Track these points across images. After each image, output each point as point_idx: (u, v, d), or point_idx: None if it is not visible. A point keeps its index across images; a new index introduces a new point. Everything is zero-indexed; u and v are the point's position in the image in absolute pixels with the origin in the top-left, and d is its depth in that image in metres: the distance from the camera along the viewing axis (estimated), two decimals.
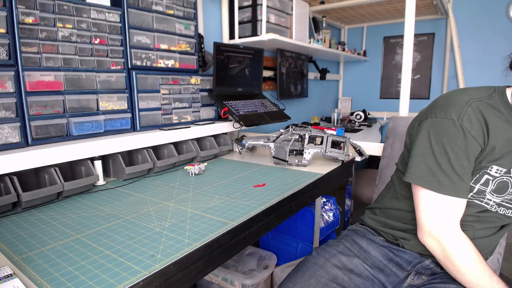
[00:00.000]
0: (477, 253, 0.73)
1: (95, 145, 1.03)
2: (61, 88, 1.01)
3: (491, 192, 0.76)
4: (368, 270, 0.84)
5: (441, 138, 0.73)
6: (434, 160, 0.73)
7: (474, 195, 0.76)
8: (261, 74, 1.77)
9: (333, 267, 0.83)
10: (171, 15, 1.33)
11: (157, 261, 0.61)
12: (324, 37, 2.54)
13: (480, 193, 0.76)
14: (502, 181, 0.74)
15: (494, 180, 0.74)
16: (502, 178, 0.74)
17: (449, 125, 0.72)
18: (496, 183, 0.74)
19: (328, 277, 0.81)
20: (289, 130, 1.42)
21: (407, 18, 1.55)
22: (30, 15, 0.93)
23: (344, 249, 0.88)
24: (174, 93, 1.35)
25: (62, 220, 0.81)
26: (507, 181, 0.74)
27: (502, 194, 0.76)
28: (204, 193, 0.99)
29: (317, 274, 0.82)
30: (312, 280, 0.80)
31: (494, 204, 0.78)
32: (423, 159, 0.75)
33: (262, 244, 1.80)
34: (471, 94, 0.75)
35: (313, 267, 0.84)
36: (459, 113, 0.72)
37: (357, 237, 0.92)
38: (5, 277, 0.56)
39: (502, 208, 0.78)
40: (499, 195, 0.76)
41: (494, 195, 0.76)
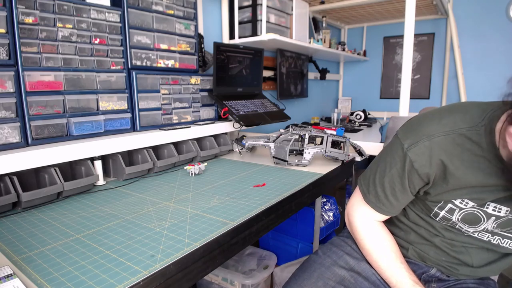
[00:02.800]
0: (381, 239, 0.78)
1: (95, 145, 1.03)
2: (61, 88, 1.01)
3: (459, 221, 0.72)
4: (375, 275, 0.82)
5: (387, 156, 0.75)
6: (374, 172, 0.78)
7: (441, 220, 0.75)
8: (261, 74, 1.77)
9: (340, 268, 0.82)
10: (171, 15, 1.33)
11: (157, 261, 0.61)
12: (324, 37, 2.54)
13: (448, 220, 0.73)
14: (471, 213, 0.70)
15: (461, 210, 0.70)
16: (472, 210, 0.70)
17: (398, 149, 0.71)
18: (463, 214, 0.71)
19: (336, 280, 0.80)
20: (289, 130, 1.42)
21: (407, 18, 1.55)
22: (30, 15, 0.93)
23: (351, 251, 0.87)
24: (174, 93, 1.35)
25: (62, 220, 0.81)
26: (477, 214, 0.69)
27: (475, 226, 0.71)
28: (204, 193, 0.99)
29: (324, 276, 0.80)
30: (320, 283, 0.79)
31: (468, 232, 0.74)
32: (370, 167, 0.81)
33: (262, 244, 1.80)
34: (445, 124, 0.67)
35: (320, 268, 0.83)
36: (412, 142, 0.69)
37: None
38: (5, 277, 0.56)
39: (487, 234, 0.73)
40: (470, 226, 0.71)
41: (466, 225, 0.72)
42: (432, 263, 0.81)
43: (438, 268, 0.82)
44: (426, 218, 0.78)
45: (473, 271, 0.78)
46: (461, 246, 0.76)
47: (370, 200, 0.78)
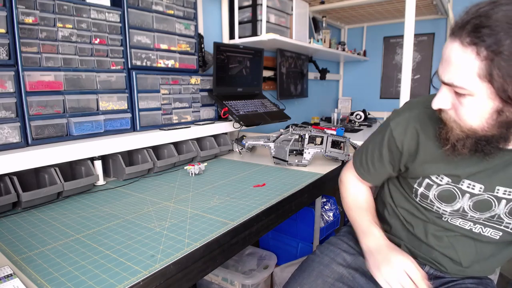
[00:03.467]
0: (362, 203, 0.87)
1: (95, 145, 1.03)
2: (61, 88, 1.01)
3: (435, 199, 0.74)
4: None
5: (378, 129, 0.85)
6: (367, 143, 0.88)
7: (421, 198, 0.78)
8: (261, 74, 1.77)
9: (338, 266, 0.84)
10: (171, 15, 1.33)
11: (157, 261, 0.61)
12: (324, 37, 2.54)
13: (426, 198, 0.76)
14: (446, 189, 0.73)
15: (438, 187, 0.73)
16: (447, 187, 0.72)
17: (387, 123, 0.80)
18: (439, 190, 0.73)
19: (334, 277, 0.81)
20: (289, 130, 1.42)
21: (407, 18, 1.55)
22: (30, 15, 0.93)
23: (347, 248, 0.89)
24: (174, 93, 1.35)
25: (62, 220, 0.81)
26: (452, 190, 0.72)
27: (450, 204, 0.73)
28: (204, 193, 0.99)
29: (323, 274, 0.82)
30: (319, 281, 0.80)
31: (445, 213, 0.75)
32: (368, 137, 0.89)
33: (262, 244, 1.80)
34: (424, 101, 0.75)
35: (319, 266, 0.84)
36: (396, 117, 0.78)
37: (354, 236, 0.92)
38: (5, 277, 0.56)
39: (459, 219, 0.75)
40: (446, 204, 0.73)
41: (443, 204, 0.74)
42: (423, 259, 0.82)
43: (431, 266, 0.82)
44: (409, 199, 0.82)
45: (462, 270, 0.79)
46: (447, 240, 0.78)
47: (356, 164, 0.89)
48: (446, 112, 0.65)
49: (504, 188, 0.68)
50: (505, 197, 0.68)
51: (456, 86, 0.58)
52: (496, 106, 0.57)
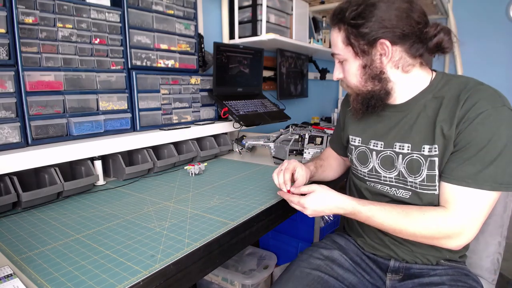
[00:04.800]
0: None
1: (95, 145, 1.03)
2: (61, 88, 1.01)
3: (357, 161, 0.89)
4: (348, 262, 0.88)
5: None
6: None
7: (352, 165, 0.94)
8: (261, 74, 1.77)
9: (315, 259, 0.88)
10: (171, 15, 1.33)
11: (157, 261, 0.61)
12: (324, 37, 2.54)
13: (352, 162, 0.92)
14: (362, 151, 0.88)
15: (356, 149, 0.90)
16: (361, 148, 0.88)
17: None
18: (357, 152, 0.89)
19: (311, 267, 0.85)
20: (289, 130, 1.42)
21: None
22: (30, 15, 0.93)
23: (325, 245, 0.93)
24: (174, 93, 1.35)
25: (62, 220, 0.81)
26: (365, 151, 0.87)
27: (366, 164, 0.86)
28: (204, 193, 0.99)
29: (300, 266, 0.86)
30: (297, 271, 0.84)
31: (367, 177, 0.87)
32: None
33: (262, 244, 1.80)
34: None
35: (297, 262, 0.88)
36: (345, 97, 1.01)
37: (336, 237, 0.97)
38: (5, 277, 0.56)
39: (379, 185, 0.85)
40: (363, 165, 0.87)
41: (361, 166, 0.88)
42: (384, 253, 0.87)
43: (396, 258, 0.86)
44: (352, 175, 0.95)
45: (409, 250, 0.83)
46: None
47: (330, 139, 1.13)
48: (342, 81, 0.85)
49: (399, 143, 0.79)
50: (401, 152, 0.79)
51: (336, 54, 0.81)
52: (361, 63, 0.77)
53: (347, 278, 0.84)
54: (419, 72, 0.79)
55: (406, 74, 0.77)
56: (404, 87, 0.79)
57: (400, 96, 0.80)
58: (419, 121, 0.77)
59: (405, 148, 0.78)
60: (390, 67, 0.76)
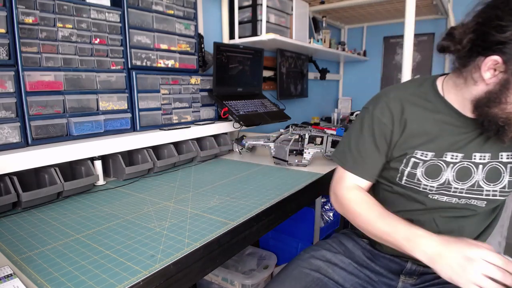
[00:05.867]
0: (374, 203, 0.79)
1: (95, 145, 1.03)
2: (61, 88, 1.01)
3: (424, 176, 0.78)
4: (352, 265, 0.86)
5: (355, 124, 0.85)
6: (347, 141, 0.85)
7: (407, 179, 0.80)
8: (261, 74, 1.77)
9: (316, 260, 0.85)
10: (171, 15, 1.32)
11: (157, 261, 0.61)
12: (324, 37, 2.54)
13: (413, 177, 0.79)
14: (432, 164, 0.77)
15: (424, 164, 0.77)
16: (432, 161, 0.77)
17: (365, 113, 0.83)
18: (426, 166, 0.77)
19: (311, 268, 0.82)
20: (289, 130, 1.43)
21: (407, 18, 1.55)
22: (30, 15, 0.93)
23: (329, 247, 0.90)
24: (174, 93, 1.35)
25: (62, 220, 0.81)
26: (437, 164, 0.76)
27: (436, 179, 0.77)
28: (204, 193, 0.99)
29: (300, 265, 0.83)
30: (295, 271, 0.82)
31: (434, 191, 0.78)
32: (342, 139, 0.89)
33: (262, 244, 1.80)
34: (397, 87, 0.83)
35: (297, 261, 0.86)
36: (375, 104, 0.81)
37: (343, 238, 0.94)
38: (5, 277, 0.56)
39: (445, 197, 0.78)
40: (433, 180, 0.77)
41: (429, 180, 0.78)
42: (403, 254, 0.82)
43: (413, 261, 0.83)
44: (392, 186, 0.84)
45: None
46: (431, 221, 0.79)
47: (348, 165, 0.84)
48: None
49: (480, 154, 0.74)
50: (481, 162, 0.74)
51: None
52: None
53: (349, 281, 0.82)
54: None
55: None
56: None
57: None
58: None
59: (486, 157, 0.75)
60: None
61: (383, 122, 0.79)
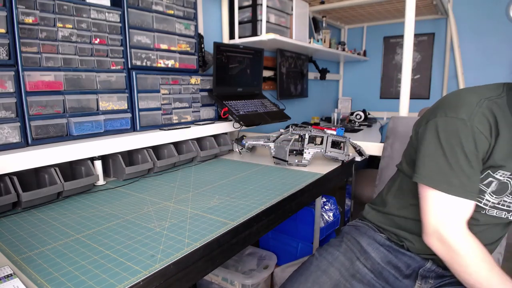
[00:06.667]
0: (486, 252, 0.69)
1: (95, 145, 1.03)
2: (61, 88, 1.01)
3: (490, 193, 0.74)
4: (369, 275, 0.84)
5: (451, 138, 0.70)
6: (445, 160, 0.70)
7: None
8: (261, 74, 1.77)
9: (335, 271, 0.82)
10: (171, 15, 1.32)
11: (157, 261, 0.61)
12: (324, 37, 2.54)
13: (481, 193, 0.74)
14: (503, 182, 0.72)
15: (498, 182, 0.72)
16: (504, 180, 0.72)
17: (460, 125, 0.69)
18: (497, 185, 0.73)
19: (331, 284, 0.80)
20: (289, 130, 1.42)
21: (407, 18, 1.55)
22: (30, 15, 0.93)
23: (346, 250, 0.88)
24: (174, 93, 1.35)
25: (62, 220, 0.81)
26: (507, 182, 0.72)
27: (500, 196, 0.74)
28: (204, 193, 0.99)
29: (320, 280, 0.81)
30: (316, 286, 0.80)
31: (490, 205, 0.76)
32: (433, 159, 0.72)
33: (262, 244, 1.80)
34: (481, 93, 0.72)
35: (316, 271, 0.83)
36: (470, 113, 0.69)
37: (358, 235, 0.92)
38: (5, 277, 0.56)
39: (495, 210, 0.77)
40: (497, 196, 0.74)
41: (493, 196, 0.74)
42: (427, 254, 0.82)
43: (434, 261, 0.82)
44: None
45: None
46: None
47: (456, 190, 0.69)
48: None
49: None
50: None
51: None
52: None
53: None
54: None
55: None
56: None
57: None
58: None
59: None
60: None
61: (484, 135, 0.69)
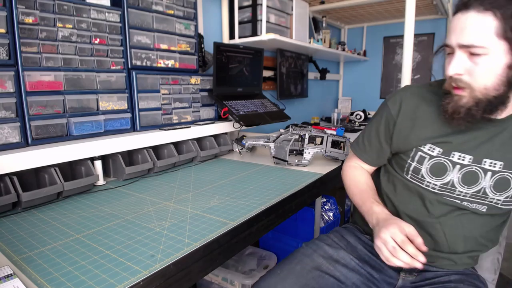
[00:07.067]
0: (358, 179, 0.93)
1: (95, 145, 1.03)
2: (61, 88, 1.01)
3: (427, 173, 0.79)
4: (354, 261, 0.87)
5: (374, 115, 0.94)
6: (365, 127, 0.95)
7: (412, 174, 0.82)
8: (261, 74, 1.77)
9: (318, 257, 0.86)
10: (171, 15, 1.32)
11: (157, 261, 0.61)
12: (324, 37, 2.54)
13: (417, 173, 0.81)
14: (438, 162, 0.77)
15: (430, 160, 0.78)
16: (438, 158, 0.77)
17: (381, 106, 0.91)
18: (431, 163, 0.78)
19: (313, 265, 0.84)
20: (289, 130, 1.43)
21: (407, 18, 1.55)
22: (30, 15, 0.93)
23: (331, 242, 0.91)
24: (174, 93, 1.35)
25: (62, 220, 0.81)
26: (444, 163, 0.77)
27: (441, 177, 0.77)
28: (204, 193, 0.99)
29: (303, 261, 0.85)
30: (298, 267, 0.83)
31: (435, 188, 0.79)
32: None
33: (262, 244, 1.80)
34: (419, 85, 0.87)
35: (301, 256, 0.87)
36: (391, 96, 0.88)
37: (346, 233, 0.95)
38: (5, 277, 0.56)
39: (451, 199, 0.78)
40: (437, 177, 0.78)
41: (433, 178, 0.78)
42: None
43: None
44: (399, 177, 0.86)
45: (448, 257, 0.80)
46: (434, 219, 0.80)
47: (354, 147, 0.97)
48: (459, 80, 0.69)
49: (490, 160, 0.73)
50: (490, 169, 0.73)
51: (476, 46, 0.65)
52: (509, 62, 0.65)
53: (350, 278, 0.83)
54: None
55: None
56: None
57: (507, 111, 0.73)
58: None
59: (497, 166, 0.73)
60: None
61: (391, 114, 0.85)
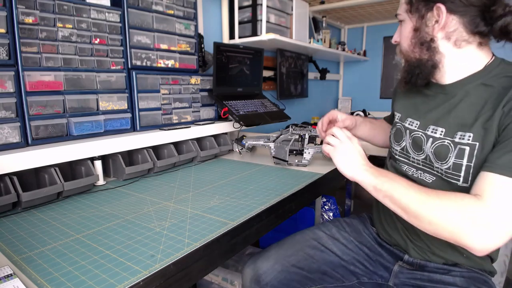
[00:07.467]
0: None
1: (95, 145, 1.03)
2: (61, 88, 1.01)
3: (393, 139, 0.89)
4: (354, 243, 0.90)
5: None
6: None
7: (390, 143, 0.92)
8: (261, 74, 1.77)
9: (320, 231, 0.91)
10: (171, 15, 1.32)
11: (157, 261, 0.61)
12: (324, 37, 2.54)
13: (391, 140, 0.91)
14: (398, 128, 0.87)
15: (394, 126, 0.90)
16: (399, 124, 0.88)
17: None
18: (394, 130, 0.89)
19: (313, 236, 0.89)
20: (289, 130, 1.43)
21: None
22: (30, 15, 0.93)
23: (338, 224, 0.95)
24: (174, 93, 1.35)
25: (62, 220, 0.81)
26: (401, 129, 0.86)
27: (399, 142, 0.86)
28: (204, 193, 0.99)
29: (304, 233, 0.91)
30: (298, 236, 0.90)
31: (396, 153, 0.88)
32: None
33: (262, 244, 1.80)
34: None
35: (305, 230, 0.93)
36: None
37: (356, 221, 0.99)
38: (5, 277, 0.56)
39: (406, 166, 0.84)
40: (397, 142, 0.87)
41: (395, 143, 0.88)
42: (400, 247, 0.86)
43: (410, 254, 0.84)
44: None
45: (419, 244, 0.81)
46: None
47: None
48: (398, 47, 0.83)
49: (433, 126, 0.76)
50: (432, 135, 0.76)
51: (398, 14, 0.80)
52: (414, 25, 0.75)
53: (347, 255, 0.86)
54: (475, 53, 0.72)
55: (458, 50, 0.72)
56: (454, 65, 0.73)
57: (449, 75, 0.75)
58: (461, 106, 0.72)
59: (438, 132, 0.74)
60: (441, 37, 0.72)
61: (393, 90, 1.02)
